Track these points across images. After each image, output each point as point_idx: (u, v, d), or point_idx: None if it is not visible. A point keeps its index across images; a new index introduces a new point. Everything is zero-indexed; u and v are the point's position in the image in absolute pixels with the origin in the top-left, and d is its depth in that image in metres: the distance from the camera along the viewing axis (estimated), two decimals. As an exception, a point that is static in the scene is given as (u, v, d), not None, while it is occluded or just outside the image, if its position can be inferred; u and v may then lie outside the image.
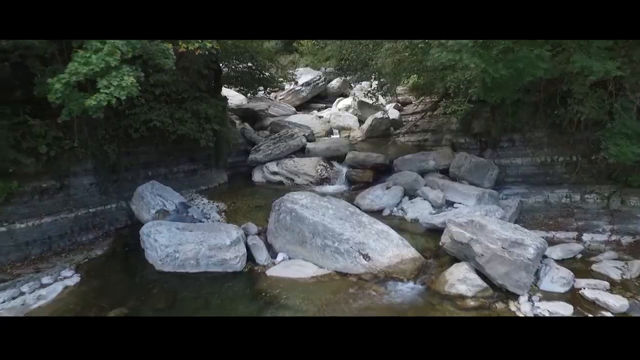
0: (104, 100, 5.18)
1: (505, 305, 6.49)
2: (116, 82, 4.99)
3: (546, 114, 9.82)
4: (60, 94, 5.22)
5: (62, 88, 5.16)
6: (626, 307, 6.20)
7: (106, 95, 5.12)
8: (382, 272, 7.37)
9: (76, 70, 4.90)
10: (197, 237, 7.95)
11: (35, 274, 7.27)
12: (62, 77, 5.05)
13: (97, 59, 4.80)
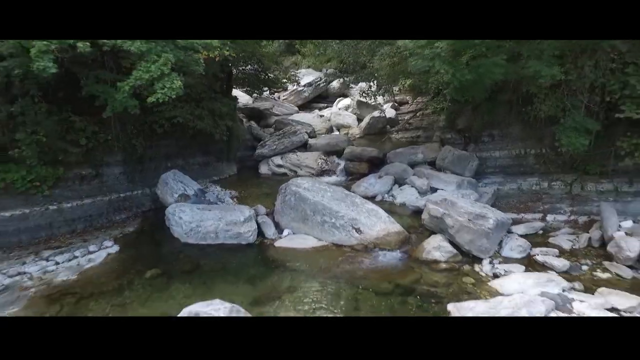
0: (161, 98, 6.59)
1: (470, 267, 7.92)
2: (168, 85, 6.42)
3: (518, 111, 11.20)
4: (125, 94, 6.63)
5: (129, 90, 6.57)
6: (567, 266, 7.63)
7: (162, 95, 6.54)
8: (371, 243, 8.81)
9: (140, 76, 6.32)
10: (215, 215, 9.42)
11: (84, 243, 8.77)
12: (129, 81, 6.48)
13: (155, 68, 6.24)
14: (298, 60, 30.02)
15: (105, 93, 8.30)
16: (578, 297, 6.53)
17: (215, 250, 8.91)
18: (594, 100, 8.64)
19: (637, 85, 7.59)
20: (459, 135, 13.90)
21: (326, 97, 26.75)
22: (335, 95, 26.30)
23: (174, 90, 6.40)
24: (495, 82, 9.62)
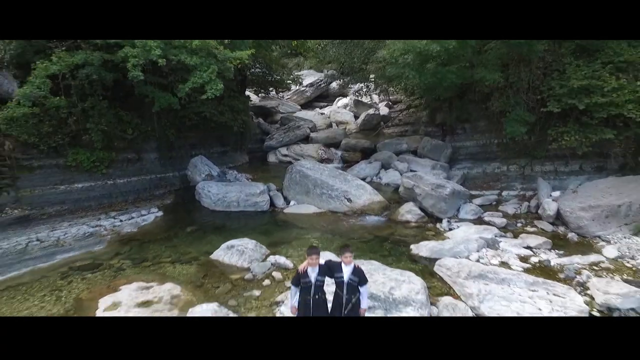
0: (210, 96, 9.03)
1: (433, 225, 10.42)
2: (215, 87, 8.89)
3: (481, 108, 13.66)
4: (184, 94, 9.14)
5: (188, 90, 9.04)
6: (505, 223, 10.14)
7: (211, 94, 8.98)
8: (359, 209, 11.32)
9: (196, 81, 8.78)
10: (236, 189, 11.96)
11: (136, 208, 11.33)
12: (187, 84, 8.94)
13: (206, 75, 8.71)
14: (300, 62, 32.36)
15: (153, 93, 10.85)
16: (504, 239, 9.04)
17: (238, 215, 11.45)
18: (531, 98, 11.11)
19: (556, 87, 10.06)
20: (438, 128, 16.43)
21: (327, 96, 29.22)
22: (335, 94, 28.76)
23: (218, 91, 8.88)
24: (461, 84, 12.10)
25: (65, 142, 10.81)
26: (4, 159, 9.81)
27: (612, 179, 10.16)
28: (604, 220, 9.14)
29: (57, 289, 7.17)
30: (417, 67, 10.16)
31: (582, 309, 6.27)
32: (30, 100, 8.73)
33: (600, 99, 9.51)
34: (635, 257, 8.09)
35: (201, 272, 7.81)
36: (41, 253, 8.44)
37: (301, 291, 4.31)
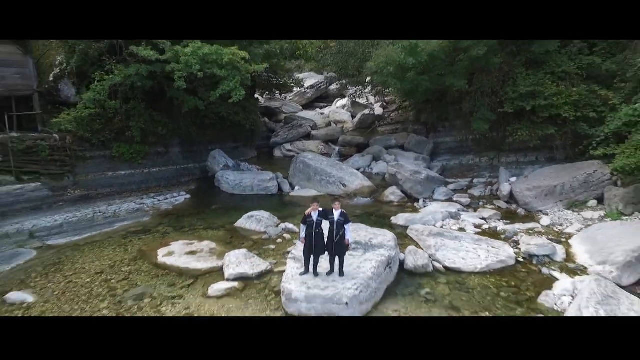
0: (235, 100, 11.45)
1: (411, 204, 12.82)
2: (239, 93, 11.27)
3: (457, 109, 16.04)
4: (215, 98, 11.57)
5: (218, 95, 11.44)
6: (469, 202, 12.55)
7: (236, 98, 11.38)
8: (352, 193, 13.72)
9: (224, 88, 11.19)
10: (250, 176, 14.39)
11: (168, 192, 13.77)
12: (218, 90, 11.33)
13: (232, 84, 11.08)
14: (301, 64, 34.66)
15: (183, 97, 13.27)
16: (465, 213, 11.45)
17: (252, 197, 13.86)
18: (493, 101, 13.50)
19: (510, 92, 12.48)
20: (423, 126, 18.82)
21: (326, 97, 31.54)
22: (335, 96, 31.08)
23: (241, 96, 11.29)
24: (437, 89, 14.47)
25: (111, 137, 13.25)
26: (66, 151, 12.22)
27: (555, 167, 12.57)
28: (544, 198, 11.55)
29: (122, 245, 9.61)
30: (398, 75, 12.58)
31: (510, 256, 8.68)
32: (94, 103, 11.14)
33: (543, 102, 11.92)
34: (562, 224, 10.50)
35: (228, 235, 10.24)
36: (104, 221, 10.90)
37: (307, 227, 6.70)
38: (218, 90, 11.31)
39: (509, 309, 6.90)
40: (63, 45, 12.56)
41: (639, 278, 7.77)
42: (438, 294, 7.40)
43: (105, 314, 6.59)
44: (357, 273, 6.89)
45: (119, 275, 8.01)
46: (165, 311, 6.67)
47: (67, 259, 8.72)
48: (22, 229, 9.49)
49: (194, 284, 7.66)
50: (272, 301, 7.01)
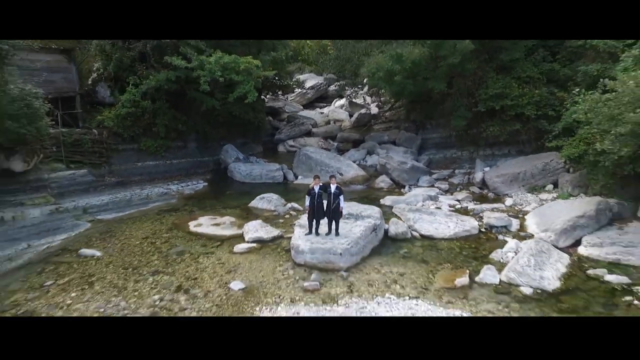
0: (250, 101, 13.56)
1: (398, 189, 14.92)
2: (252, 95, 13.37)
3: (441, 108, 18.14)
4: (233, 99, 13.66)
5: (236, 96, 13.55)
6: (447, 187, 14.64)
7: (250, 99, 13.48)
8: (348, 181, 15.81)
9: (240, 91, 13.24)
10: (259, 167, 16.50)
11: (189, 180, 15.85)
12: (235, 92, 13.41)
13: (247, 87, 13.16)
14: (302, 66, 36.63)
15: (201, 97, 15.34)
16: (443, 196, 13.56)
17: (261, 185, 15.95)
18: (470, 101, 15.60)
19: (482, 94, 14.59)
20: (412, 124, 20.91)
21: (326, 97, 33.57)
22: (333, 96, 33.12)
23: (254, 98, 13.38)
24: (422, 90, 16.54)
25: (140, 133, 15.33)
26: (102, 144, 14.30)
27: (521, 158, 14.69)
28: (510, 184, 13.65)
29: (158, 219, 11.70)
30: (387, 79, 14.68)
31: (475, 226, 10.77)
32: (130, 103, 13.24)
33: (510, 102, 14.03)
34: (522, 204, 12.58)
35: (244, 212, 12.34)
36: (139, 202, 13.01)
37: (310, 198, 8.78)
38: (235, 92, 13.42)
39: (466, 262, 8.98)
40: (100, 53, 14.62)
41: (572, 241, 9.86)
42: (413, 253, 9.50)
43: (156, 264, 8.68)
44: (349, 234, 8.99)
45: (161, 239, 10.12)
46: (203, 261, 8.77)
47: (116, 228, 10.82)
48: (77, 206, 11.55)
49: (221, 245, 9.76)
50: (284, 256, 9.11)
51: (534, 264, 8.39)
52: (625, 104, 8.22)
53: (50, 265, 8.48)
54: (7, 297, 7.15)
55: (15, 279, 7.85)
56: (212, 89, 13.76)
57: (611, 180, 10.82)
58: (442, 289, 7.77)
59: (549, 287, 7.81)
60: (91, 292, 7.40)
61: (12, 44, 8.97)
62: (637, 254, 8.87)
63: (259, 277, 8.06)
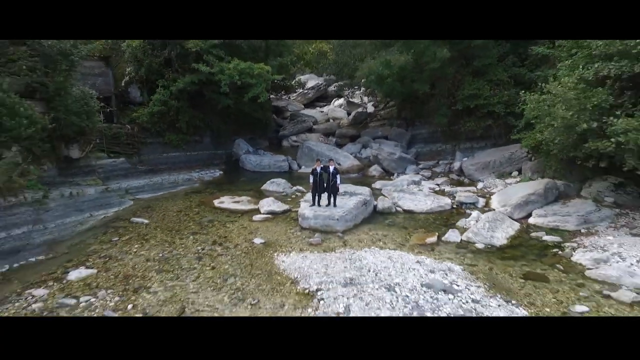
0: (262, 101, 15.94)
1: (388, 176, 17.33)
2: (264, 95, 15.71)
3: (428, 107, 20.53)
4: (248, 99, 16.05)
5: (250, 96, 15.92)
6: (430, 174, 17.03)
7: (262, 99, 15.85)
8: (345, 170, 18.22)
9: (254, 92, 15.61)
10: (267, 158, 18.93)
11: (207, 169, 18.24)
12: (250, 93, 15.78)
13: (260, 89, 15.51)
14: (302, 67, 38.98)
15: (217, 98, 17.72)
16: (425, 181, 15.97)
17: (269, 173, 18.34)
18: (450, 101, 17.99)
19: (459, 95, 16.99)
20: (403, 121, 23.34)
21: (325, 97, 35.98)
22: (332, 96, 35.52)
23: (265, 98, 15.76)
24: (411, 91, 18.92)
25: (164, 128, 17.71)
26: (134, 137, 16.68)
27: (493, 149, 17.11)
28: (482, 171, 16.07)
29: (186, 199, 14.10)
30: (378, 82, 17.09)
31: (448, 203, 13.18)
32: (160, 102, 15.63)
33: (482, 101, 16.43)
34: (491, 187, 14.99)
35: (257, 193, 14.72)
36: (169, 185, 15.42)
37: (313, 176, 11.17)
38: (250, 92, 15.82)
39: (437, 228, 11.36)
40: (132, 59, 16.96)
41: (525, 214, 12.25)
42: (396, 222, 11.91)
43: (193, 228, 11.06)
44: (345, 205, 11.40)
45: (192, 212, 12.52)
46: (229, 226, 11.16)
47: (154, 205, 13.21)
48: (121, 187, 13.92)
49: (242, 216, 12.17)
50: (293, 223, 11.50)
51: (488, 228, 10.80)
52: (556, 103, 10.61)
53: (111, 229, 10.87)
54: (86, 248, 9.55)
55: (88, 237, 10.25)
56: (229, 91, 16.11)
57: (559, 165, 13.18)
58: (415, 244, 10.16)
59: (497, 244, 10.22)
60: (148, 245, 9.79)
61: (79, 54, 11.37)
62: (571, 222, 11.28)
63: (274, 236, 10.47)
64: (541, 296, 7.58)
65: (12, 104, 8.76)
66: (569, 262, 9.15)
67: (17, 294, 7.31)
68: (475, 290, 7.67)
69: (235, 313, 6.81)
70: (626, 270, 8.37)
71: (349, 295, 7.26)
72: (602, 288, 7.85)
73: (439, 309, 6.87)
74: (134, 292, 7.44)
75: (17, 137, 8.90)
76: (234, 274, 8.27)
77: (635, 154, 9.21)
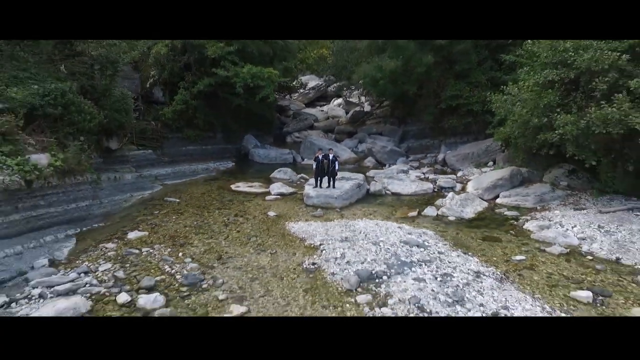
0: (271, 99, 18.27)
1: (381, 166, 19.70)
2: (272, 96, 18.01)
3: (418, 106, 22.88)
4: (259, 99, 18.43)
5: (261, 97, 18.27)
6: (417, 165, 19.41)
7: (272, 99, 18.19)
8: (343, 162, 20.56)
9: (265, 93, 17.96)
10: (274, 151, 21.34)
11: (221, 161, 20.57)
12: (261, 94, 18.11)
13: (269, 90, 17.82)
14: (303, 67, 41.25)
15: (230, 98, 20.05)
16: (413, 170, 18.34)
17: (276, 164, 20.67)
18: (435, 100, 20.35)
19: (443, 95, 19.34)
20: (396, 118, 25.72)
21: (325, 97, 38.33)
22: (332, 96, 37.87)
23: (274, 98, 18.07)
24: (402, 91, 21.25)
25: (183, 125, 20.04)
26: (158, 132, 19.00)
27: (473, 142, 19.48)
28: (462, 161, 18.45)
29: (206, 184, 16.45)
30: (372, 84, 19.45)
31: (430, 187, 15.59)
32: (182, 102, 17.97)
33: (463, 101, 18.80)
34: (468, 175, 17.37)
35: (267, 180, 17.07)
36: (190, 174, 17.80)
37: (316, 163, 13.53)
38: (261, 93, 18.18)
39: (418, 206, 13.72)
40: (156, 63, 19.26)
41: (493, 196, 14.59)
42: (385, 202, 14.28)
43: (217, 205, 13.40)
44: (342, 187, 13.77)
45: (214, 194, 14.88)
46: (246, 204, 13.51)
47: (181, 188, 15.56)
48: (151, 175, 16.25)
49: (256, 197, 14.53)
50: (299, 202, 13.85)
51: (459, 205, 13.18)
52: (515, 103, 12.99)
53: (149, 205, 13.21)
54: (135, 218, 11.88)
55: (133, 211, 12.59)
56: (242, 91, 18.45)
57: (525, 155, 15.53)
58: (399, 217, 12.52)
59: (467, 217, 12.59)
60: (183, 216, 12.14)
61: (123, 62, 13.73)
62: (529, 201, 13.66)
63: (284, 211, 12.83)
64: (492, 250, 9.95)
65: (79, 103, 11.11)
66: (520, 229, 11.52)
67: (93, 246, 9.66)
68: (442, 246, 10.02)
69: (259, 259, 9.15)
70: (561, 233, 10.76)
71: (344, 247, 9.61)
72: (540, 245, 10.22)
73: (412, 256, 9.19)
74: (180, 246, 9.80)
75: (82, 129, 11.25)
76: (255, 235, 10.64)
77: (572, 142, 11.55)
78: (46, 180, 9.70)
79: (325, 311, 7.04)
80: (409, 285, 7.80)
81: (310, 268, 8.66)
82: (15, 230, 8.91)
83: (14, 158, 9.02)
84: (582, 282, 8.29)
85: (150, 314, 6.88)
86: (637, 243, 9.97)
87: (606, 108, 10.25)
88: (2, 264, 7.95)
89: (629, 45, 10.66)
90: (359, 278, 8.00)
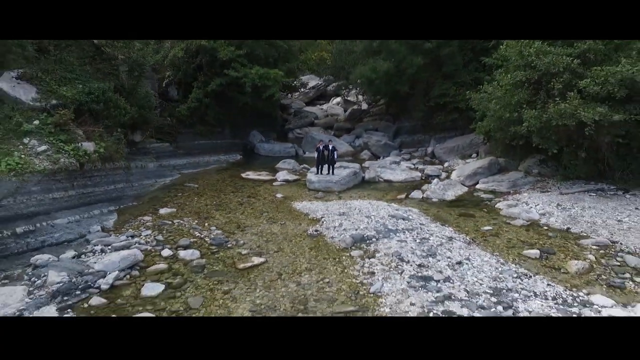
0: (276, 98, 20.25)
1: (376, 159, 21.66)
2: (277, 95, 19.94)
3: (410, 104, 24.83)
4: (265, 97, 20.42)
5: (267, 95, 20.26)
6: (409, 157, 21.39)
7: (277, 98, 20.13)
8: (341, 155, 22.51)
9: (271, 91, 19.92)
10: (278, 145, 23.34)
11: (230, 153, 22.52)
12: (268, 92, 20.07)
13: (275, 89, 19.78)
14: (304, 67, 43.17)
15: (238, 96, 21.99)
16: (404, 162, 20.33)
17: (280, 157, 22.58)
18: (425, 99, 22.31)
19: (432, 94, 21.32)
20: (391, 116, 27.69)
21: (325, 96, 40.24)
22: (331, 95, 39.78)
23: (279, 96, 20.00)
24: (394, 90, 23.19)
25: (196, 121, 21.98)
26: (173, 127, 20.92)
27: (459, 137, 21.47)
28: (449, 153, 20.44)
29: (219, 173, 18.40)
30: (368, 83, 21.42)
31: (418, 176, 17.58)
32: (195, 100, 19.93)
33: (449, 99, 20.77)
34: (454, 166, 19.34)
35: (273, 170, 19.03)
36: (204, 164, 19.75)
37: (317, 152, 15.50)
38: (267, 92, 20.13)
39: (406, 191, 15.69)
40: (171, 64, 21.17)
41: (474, 182, 16.56)
42: (378, 187, 16.26)
43: (231, 190, 15.35)
44: (340, 174, 15.76)
45: (227, 181, 16.83)
46: (257, 189, 15.47)
47: (197, 177, 17.52)
48: (170, 164, 18.18)
49: (264, 183, 16.49)
50: (302, 187, 15.83)
51: (442, 189, 15.17)
52: (491, 100, 14.98)
53: (172, 189, 15.17)
54: (162, 199, 13.83)
55: (159, 193, 14.54)
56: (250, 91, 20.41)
57: (502, 147, 17.51)
58: (389, 199, 14.49)
59: (448, 199, 14.57)
60: (203, 198, 14.09)
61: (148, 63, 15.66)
62: (504, 186, 15.63)
63: (290, 193, 14.81)
64: (465, 223, 11.93)
65: (116, 100, 13.06)
66: (492, 208, 13.50)
67: (132, 219, 11.62)
68: (424, 219, 12.01)
69: (271, 228, 11.12)
70: (526, 210, 12.74)
71: (341, 219, 11.58)
72: (506, 220, 12.20)
73: (397, 226, 11.15)
74: (205, 219, 11.76)
75: (117, 123, 13.20)
76: (266, 211, 12.62)
77: (537, 134, 13.53)
78: (93, 164, 11.67)
79: (326, 262, 9.01)
80: (393, 244, 9.78)
81: (313, 234, 10.64)
82: (73, 203, 10.89)
83: (69, 145, 10.98)
84: (535, 245, 10.27)
85: (189, 265, 8.84)
86: (586, 217, 11.97)
87: (561, 104, 12.25)
88: (67, 228, 9.92)
89: (580, 51, 12.63)
90: (353, 240, 9.98)
